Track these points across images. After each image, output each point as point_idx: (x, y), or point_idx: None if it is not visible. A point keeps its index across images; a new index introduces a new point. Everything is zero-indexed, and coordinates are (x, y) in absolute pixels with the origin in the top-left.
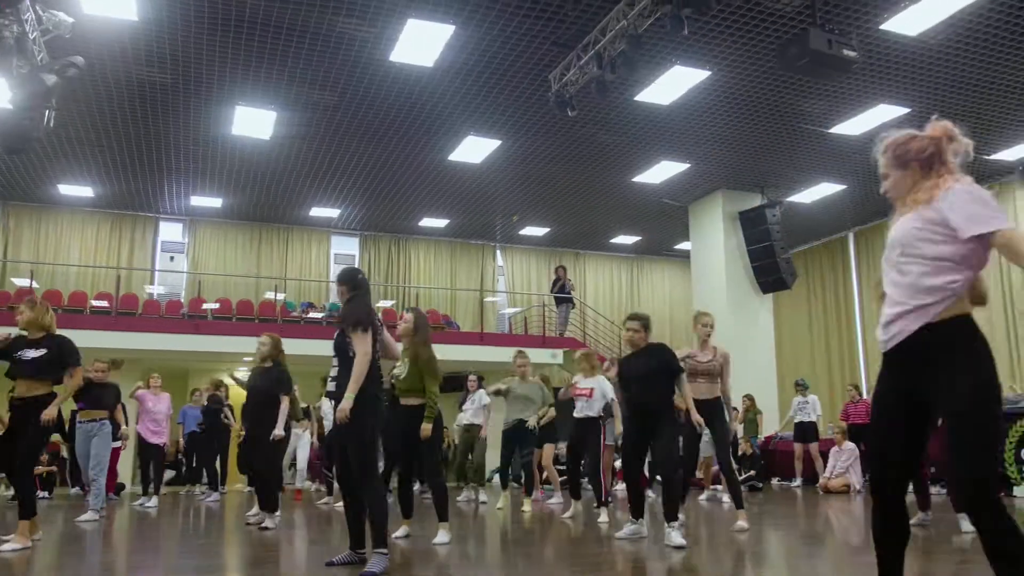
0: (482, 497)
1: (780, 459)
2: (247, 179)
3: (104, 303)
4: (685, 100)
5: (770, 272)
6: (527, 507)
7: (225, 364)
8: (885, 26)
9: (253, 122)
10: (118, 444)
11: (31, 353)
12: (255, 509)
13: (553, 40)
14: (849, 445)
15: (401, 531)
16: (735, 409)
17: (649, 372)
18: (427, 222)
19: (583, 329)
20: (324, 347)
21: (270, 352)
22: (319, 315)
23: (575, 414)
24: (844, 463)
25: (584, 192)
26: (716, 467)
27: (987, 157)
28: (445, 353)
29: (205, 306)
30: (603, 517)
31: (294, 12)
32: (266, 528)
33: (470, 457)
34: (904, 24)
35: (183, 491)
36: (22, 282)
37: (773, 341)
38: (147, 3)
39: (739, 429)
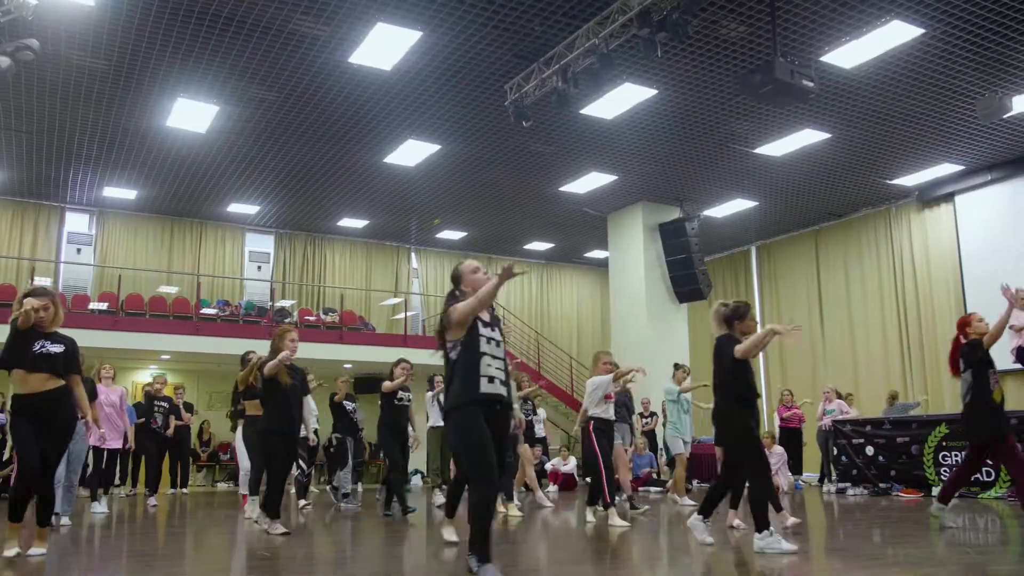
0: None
1: (703, 462)
2: (168, 172)
3: None
4: (628, 116)
5: (687, 282)
6: (514, 511)
7: (140, 361)
8: (825, 58)
9: (192, 115)
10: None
11: (54, 347)
12: (252, 510)
13: (516, 52)
14: (778, 448)
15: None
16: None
17: None
18: (346, 222)
19: (512, 337)
20: (239, 345)
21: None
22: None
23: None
24: (774, 465)
25: (507, 198)
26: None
27: (888, 181)
28: (365, 355)
29: (92, 305)
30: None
31: (256, 8)
32: (286, 533)
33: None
34: (842, 57)
35: (123, 493)
36: None
37: (688, 349)
38: None
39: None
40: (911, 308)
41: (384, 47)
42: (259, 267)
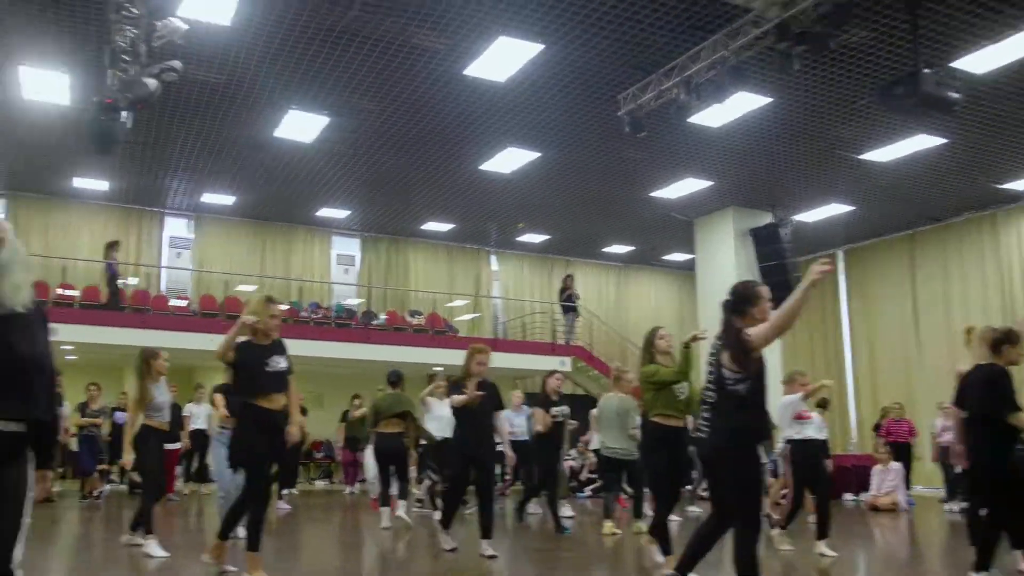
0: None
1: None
2: (266, 179)
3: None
4: (737, 124)
5: (781, 289)
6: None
7: None
8: (956, 63)
9: (301, 126)
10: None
11: (282, 363)
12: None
13: (634, 64)
14: (895, 464)
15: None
16: None
17: None
18: (430, 226)
19: (590, 338)
20: (329, 349)
21: None
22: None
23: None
24: (891, 482)
25: (594, 203)
26: None
27: (998, 186)
28: (453, 358)
29: (173, 302)
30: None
31: (378, 24)
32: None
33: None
34: (975, 63)
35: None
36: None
37: (780, 356)
38: (245, 9)
39: None
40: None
41: (502, 60)
42: (346, 270)
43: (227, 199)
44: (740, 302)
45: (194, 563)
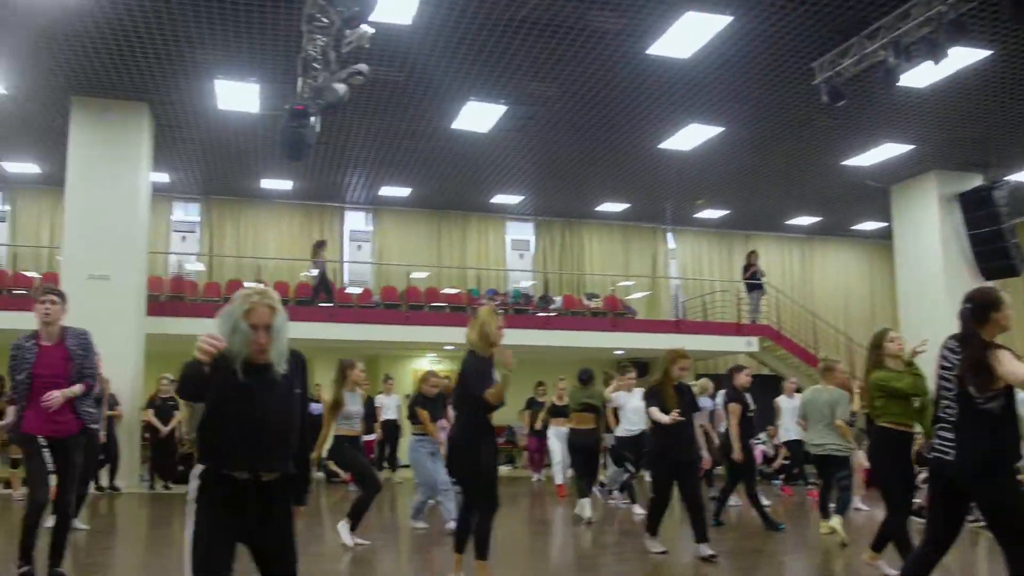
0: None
1: None
2: (442, 169)
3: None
4: (948, 81)
5: (995, 257)
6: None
7: (416, 353)
8: None
9: (479, 116)
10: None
11: (498, 376)
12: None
13: (834, 28)
14: None
15: None
16: None
17: None
18: (605, 207)
19: (777, 316)
20: (509, 336)
21: None
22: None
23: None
24: None
25: (780, 175)
26: None
27: None
28: (635, 342)
29: (349, 290)
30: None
31: (555, 9)
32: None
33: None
34: None
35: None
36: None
37: None
38: (427, 8)
39: None
40: None
41: (687, 35)
42: (521, 255)
43: (403, 191)
44: (981, 309)
45: (391, 553)
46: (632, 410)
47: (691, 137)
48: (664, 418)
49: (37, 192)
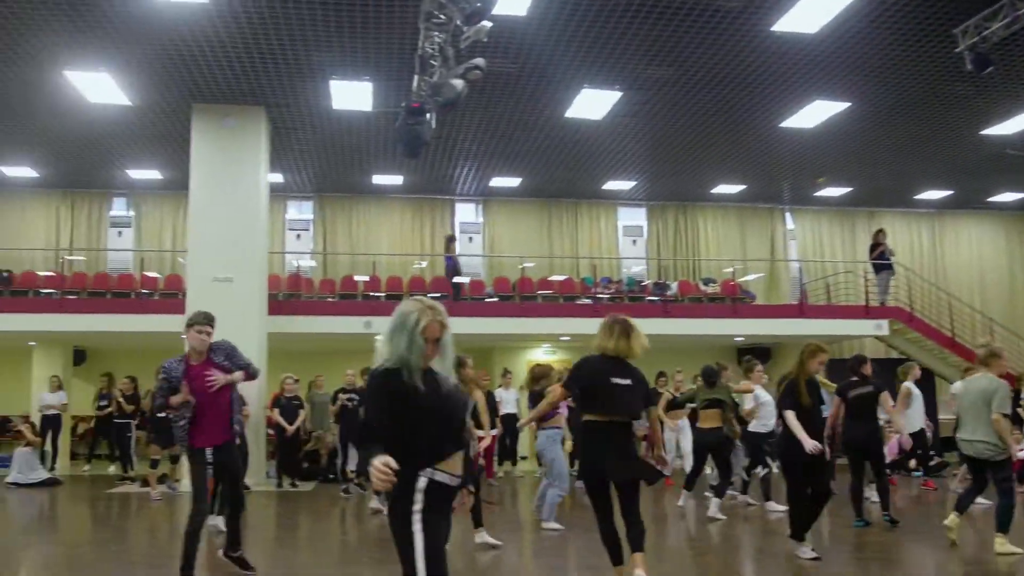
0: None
1: None
2: (553, 158)
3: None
4: None
5: None
6: None
7: (530, 344)
8: None
9: (593, 103)
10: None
11: (627, 379)
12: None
13: None
14: None
15: None
16: None
17: None
18: (720, 188)
19: (908, 297)
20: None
21: None
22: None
23: None
24: None
25: (908, 148)
26: None
27: None
28: (755, 328)
29: (459, 279)
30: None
31: None
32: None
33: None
34: None
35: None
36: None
37: None
38: None
39: None
40: None
41: (815, 9)
42: (633, 241)
43: (513, 181)
44: None
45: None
46: (765, 403)
47: (815, 114)
48: (807, 443)
49: (159, 197)
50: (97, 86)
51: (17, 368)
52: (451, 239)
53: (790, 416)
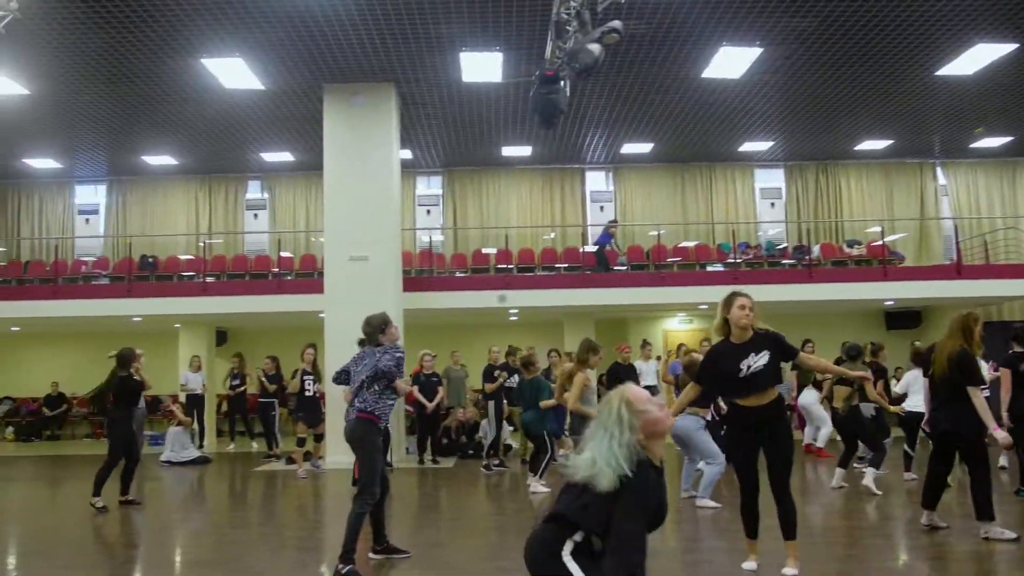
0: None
1: None
2: (687, 121)
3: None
4: None
5: None
6: None
7: (665, 313)
8: None
9: (730, 62)
10: None
11: (760, 361)
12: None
13: None
14: None
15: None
16: None
17: None
18: (865, 145)
19: None
20: (767, 292)
21: None
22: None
23: None
24: None
25: None
26: None
27: None
28: (910, 291)
29: (590, 244)
30: None
31: None
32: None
33: None
34: None
35: None
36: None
37: None
38: None
39: None
40: None
41: None
42: (771, 204)
43: (645, 147)
44: None
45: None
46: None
47: (975, 59)
48: (1000, 436)
49: (292, 179)
50: (232, 72)
51: (165, 349)
52: (612, 223)
53: (978, 396)
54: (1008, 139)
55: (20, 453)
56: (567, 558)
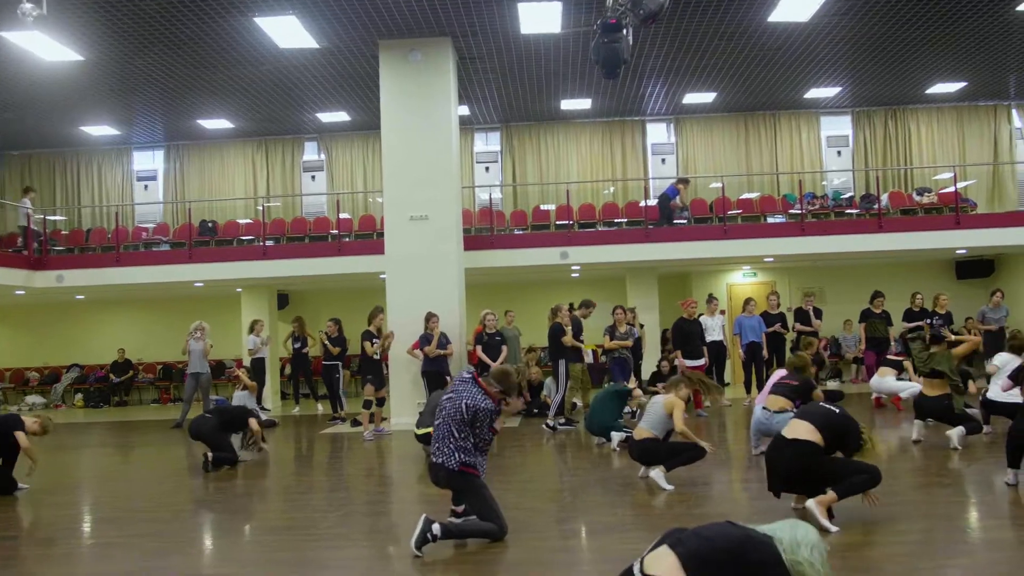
0: None
1: None
2: (750, 68)
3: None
4: None
5: None
6: None
7: (729, 267)
8: None
9: (798, 4)
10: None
11: None
12: None
13: None
14: None
15: None
16: None
17: None
18: (937, 88)
19: None
20: (833, 243)
21: None
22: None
23: None
24: None
25: None
26: None
27: None
28: (982, 239)
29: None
30: None
31: None
32: None
33: None
34: None
35: None
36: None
37: None
38: None
39: None
40: None
41: None
42: (838, 152)
43: (707, 96)
44: None
45: None
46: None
47: None
48: None
49: (348, 139)
50: (286, 30)
51: (227, 314)
52: (684, 181)
53: None
54: None
55: (89, 419)
56: None
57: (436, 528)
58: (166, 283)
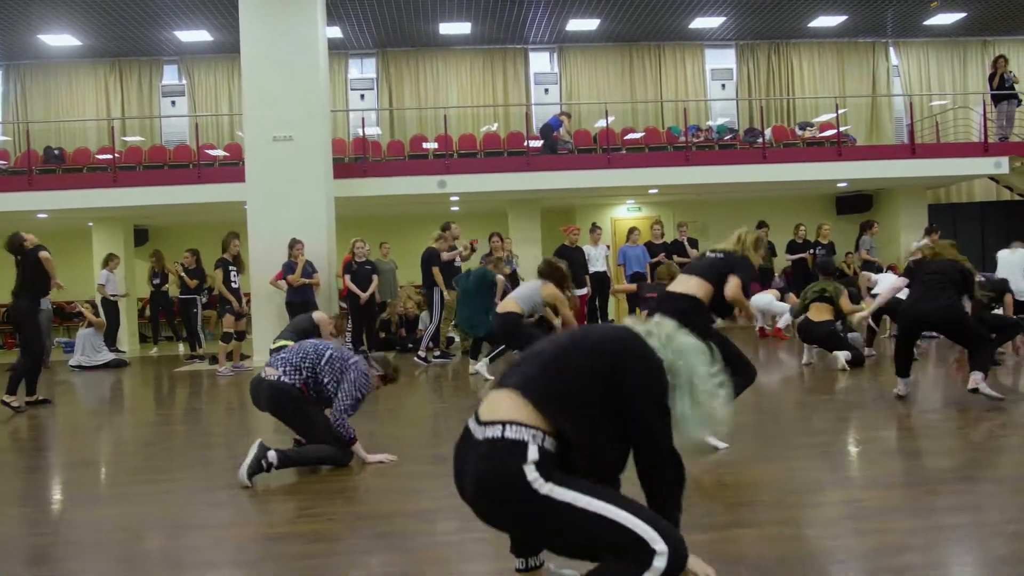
0: None
1: None
2: None
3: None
4: None
5: None
6: None
7: (614, 200)
8: None
9: None
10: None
11: None
12: None
13: None
14: None
15: None
16: None
17: None
18: (819, 22)
19: None
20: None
21: None
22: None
23: None
24: None
25: None
26: None
27: None
28: (862, 171)
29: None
30: None
31: None
32: None
33: None
34: None
35: None
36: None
37: None
38: None
39: None
40: None
41: None
42: (722, 85)
43: (591, 23)
44: None
45: None
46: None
47: None
48: None
49: (212, 62)
50: None
51: (77, 251)
52: (567, 115)
53: None
54: (961, 15)
55: None
56: None
57: (272, 455)
58: (3, 212)
